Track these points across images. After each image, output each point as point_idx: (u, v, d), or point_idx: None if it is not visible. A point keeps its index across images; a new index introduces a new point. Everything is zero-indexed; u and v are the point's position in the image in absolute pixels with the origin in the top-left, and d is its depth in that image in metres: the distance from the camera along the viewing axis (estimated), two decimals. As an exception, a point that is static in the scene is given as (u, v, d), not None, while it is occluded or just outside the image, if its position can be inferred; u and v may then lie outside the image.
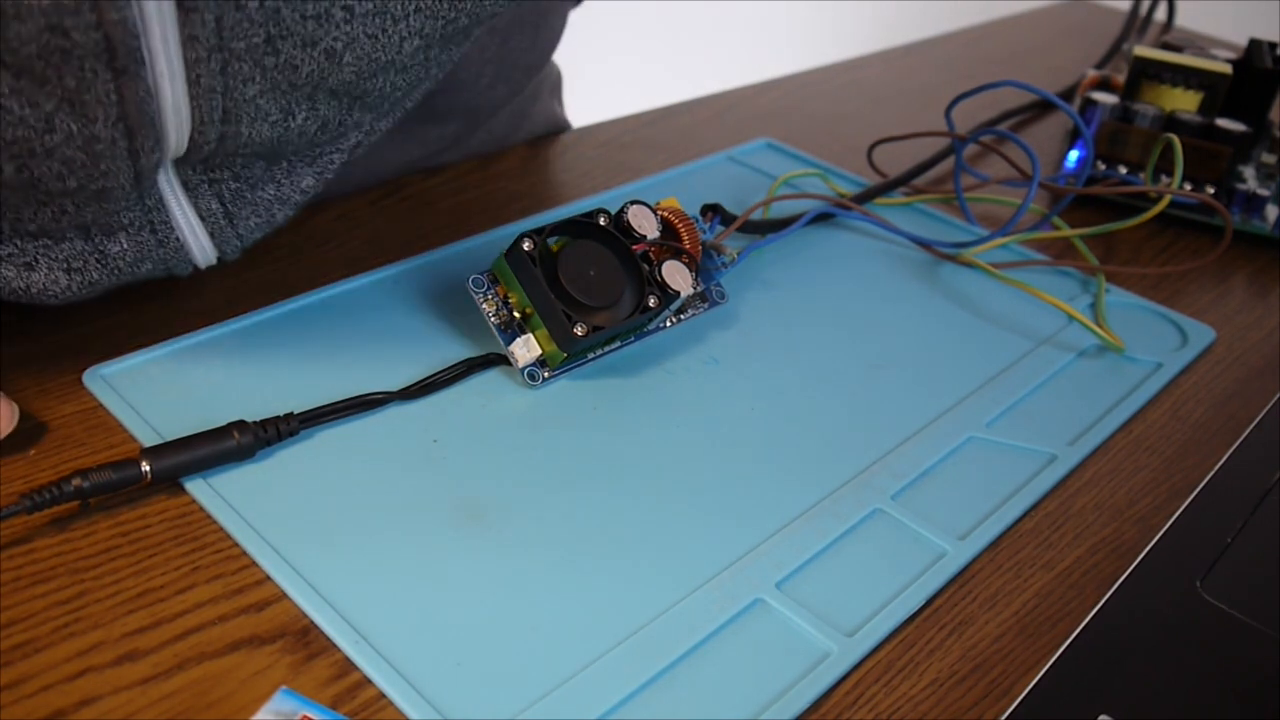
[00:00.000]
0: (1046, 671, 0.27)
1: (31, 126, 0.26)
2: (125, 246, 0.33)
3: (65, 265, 0.32)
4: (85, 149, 0.28)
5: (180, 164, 0.32)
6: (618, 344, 0.37)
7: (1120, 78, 0.56)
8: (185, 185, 0.33)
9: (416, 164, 0.50)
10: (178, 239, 0.34)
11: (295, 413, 0.32)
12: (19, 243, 0.31)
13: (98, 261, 0.33)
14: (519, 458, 0.33)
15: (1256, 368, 0.41)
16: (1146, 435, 0.37)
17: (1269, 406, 0.38)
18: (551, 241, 0.35)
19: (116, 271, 0.33)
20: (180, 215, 0.33)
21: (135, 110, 0.28)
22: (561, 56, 0.57)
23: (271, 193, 0.35)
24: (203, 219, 0.34)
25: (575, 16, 0.55)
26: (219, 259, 0.36)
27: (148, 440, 0.32)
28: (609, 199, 0.48)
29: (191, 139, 0.30)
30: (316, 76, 0.31)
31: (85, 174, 0.29)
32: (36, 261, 0.32)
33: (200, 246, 0.34)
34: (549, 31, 0.52)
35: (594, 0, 0.62)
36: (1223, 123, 0.50)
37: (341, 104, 0.33)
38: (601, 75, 1.53)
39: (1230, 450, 0.36)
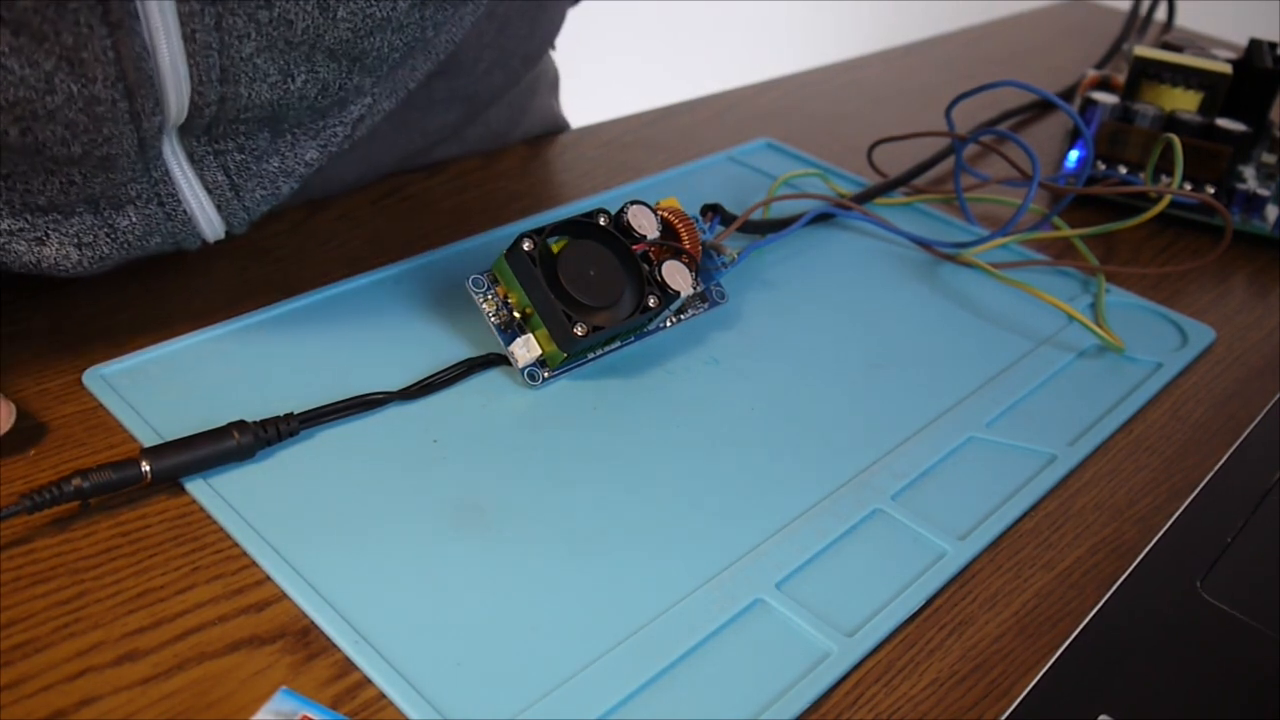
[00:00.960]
0: (1046, 671, 0.27)
1: (33, 87, 0.27)
2: (134, 220, 0.33)
3: (76, 240, 0.32)
4: (86, 111, 0.28)
5: (184, 134, 0.32)
6: (618, 344, 0.37)
7: (1120, 78, 0.56)
8: (190, 157, 0.33)
9: (416, 155, 0.50)
10: (185, 212, 0.34)
11: (295, 413, 0.32)
12: (29, 217, 0.32)
13: (108, 236, 0.33)
14: (519, 458, 0.33)
15: (1256, 368, 0.41)
16: (1146, 435, 0.37)
17: (1269, 406, 0.38)
18: (551, 241, 0.35)
19: (126, 245, 0.33)
20: (186, 188, 0.33)
21: (133, 69, 0.28)
22: (560, 56, 0.57)
23: (276, 165, 0.35)
24: (209, 191, 0.34)
25: (574, 16, 0.55)
26: (227, 233, 0.36)
27: (148, 440, 0.32)
28: (609, 199, 0.48)
29: (192, 101, 0.30)
30: (312, 33, 0.31)
31: (89, 139, 0.29)
32: (47, 236, 0.32)
33: (208, 219, 0.35)
34: (547, 23, 0.52)
35: (595, 0, 0.62)
36: (1223, 123, 0.50)
37: (340, 66, 0.33)
38: (601, 75, 1.53)
39: (1230, 450, 0.36)
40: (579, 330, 0.34)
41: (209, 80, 0.30)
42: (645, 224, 0.36)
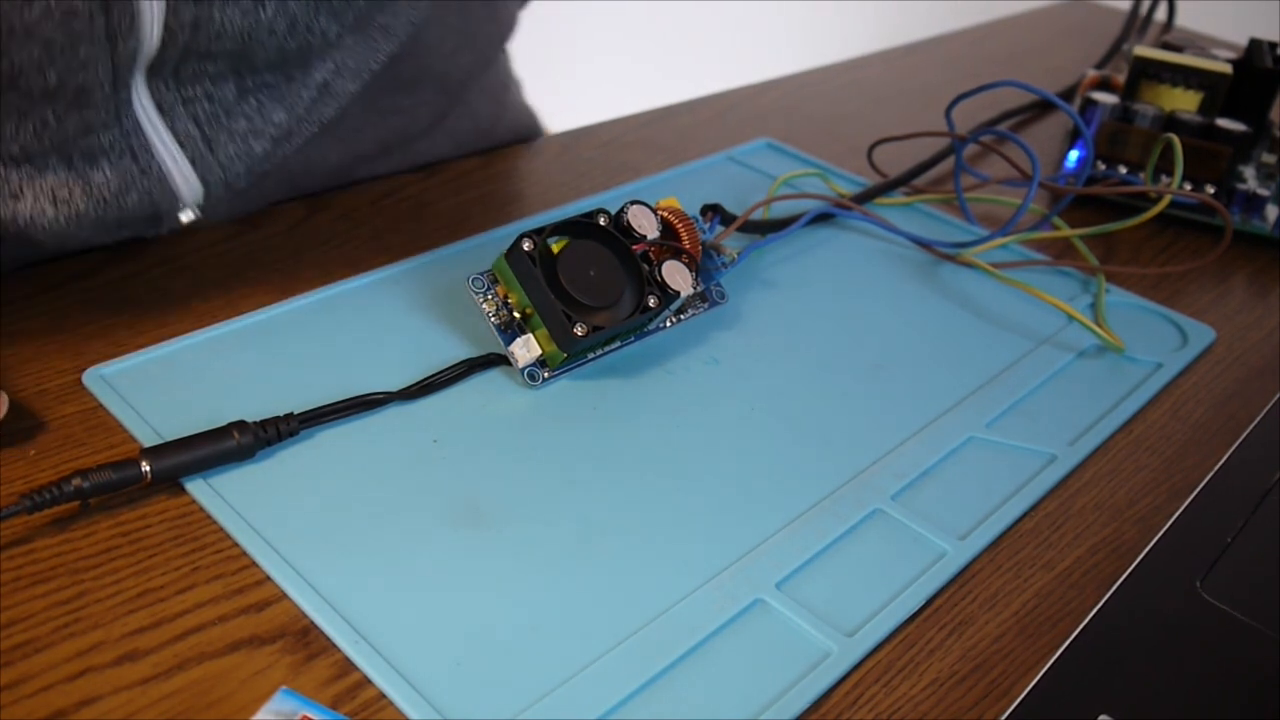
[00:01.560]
0: (1046, 671, 0.27)
1: None
2: (108, 175, 0.33)
3: (50, 195, 0.33)
4: (63, 26, 0.28)
5: (153, 78, 0.33)
6: (618, 344, 0.37)
7: (1120, 78, 0.56)
8: (159, 107, 0.34)
9: (399, 140, 0.49)
10: (159, 165, 0.34)
11: (295, 413, 0.32)
12: (2, 171, 0.32)
13: (83, 191, 0.33)
14: (519, 458, 0.33)
15: (1256, 368, 0.41)
16: (1146, 435, 0.37)
17: (1269, 406, 0.38)
18: (551, 241, 0.35)
19: (102, 201, 0.34)
20: (157, 139, 0.34)
21: None
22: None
23: (244, 125, 0.36)
24: (181, 145, 0.35)
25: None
26: (205, 196, 0.36)
27: (148, 440, 0.32)
28: (609, 199, 0.48)
29: (166, 25, 0.31)
30: None
31: (65, 64, 0.29)
32: (21, 191, 0.32)
33: (183, 176, 0.35)
34: (504, 5, 0.52)
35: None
36: (1223, 123, 0.50)
37: (309, 1, 0.34)
38: (601, 76, 1.53)
39: (1230, 450, 0.36)
40: (579, 330, 0.34)
41: None
42: (645, 224, 0.36)
